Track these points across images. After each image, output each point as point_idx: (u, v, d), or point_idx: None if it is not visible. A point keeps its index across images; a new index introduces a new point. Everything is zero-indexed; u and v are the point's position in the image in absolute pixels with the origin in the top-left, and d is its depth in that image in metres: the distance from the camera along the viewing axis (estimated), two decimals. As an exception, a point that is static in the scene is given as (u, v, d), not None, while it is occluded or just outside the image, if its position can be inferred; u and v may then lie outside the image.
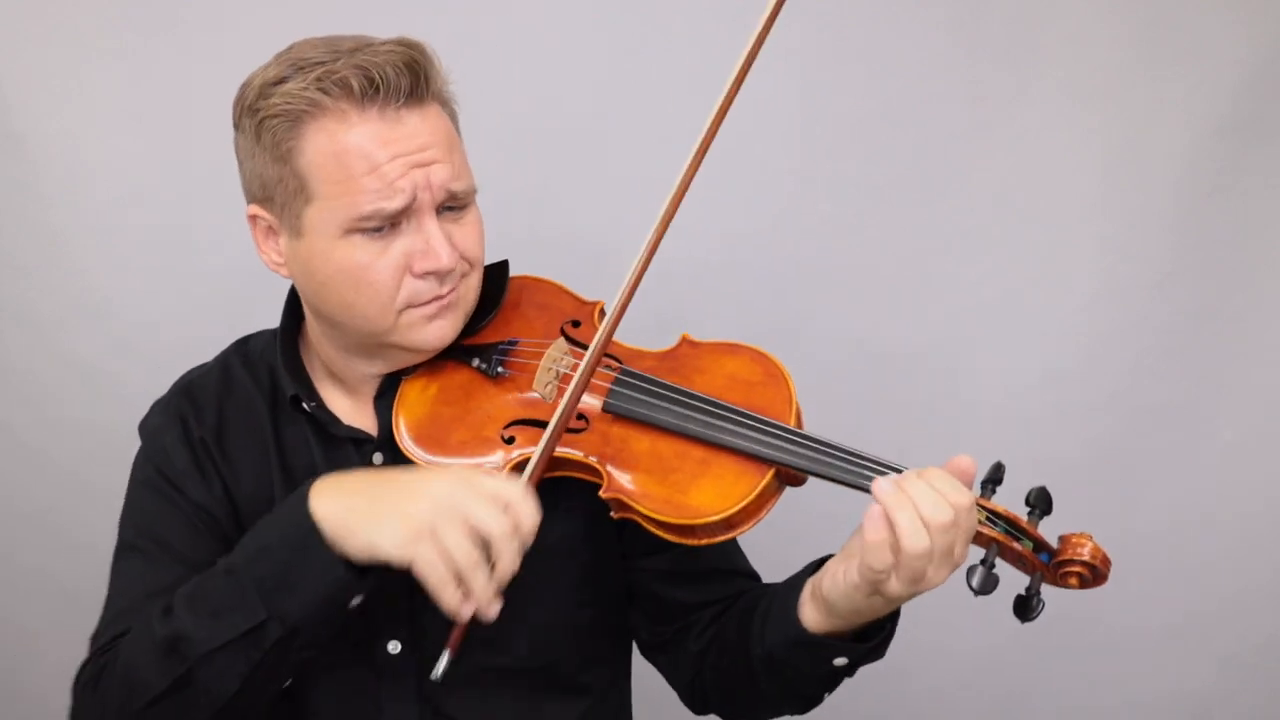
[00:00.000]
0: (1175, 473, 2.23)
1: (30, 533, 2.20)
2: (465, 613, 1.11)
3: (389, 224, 1.22)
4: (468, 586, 1.10)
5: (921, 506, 1.06)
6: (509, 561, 1.11)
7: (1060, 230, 2.15)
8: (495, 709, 1.36)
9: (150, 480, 1.36)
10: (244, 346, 1.45)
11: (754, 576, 1.43)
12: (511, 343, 1.33)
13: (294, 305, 1.40)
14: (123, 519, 1.39)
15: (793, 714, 1.35)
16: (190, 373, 1.46)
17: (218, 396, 1.39)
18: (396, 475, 1.18)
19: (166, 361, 2.13)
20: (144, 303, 2.11)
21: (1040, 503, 1.17)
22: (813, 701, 1.29)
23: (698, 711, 1.45)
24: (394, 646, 1.33)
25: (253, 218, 1.29)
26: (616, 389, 1.25)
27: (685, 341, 1.33)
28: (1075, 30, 2.09)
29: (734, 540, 1.40)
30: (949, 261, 2.16)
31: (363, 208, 1.20)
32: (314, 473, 1.31)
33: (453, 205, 1.27)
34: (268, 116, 1.21)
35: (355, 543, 1.12)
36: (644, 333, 1.38)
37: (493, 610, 1.12)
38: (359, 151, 1.19)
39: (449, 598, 1.10)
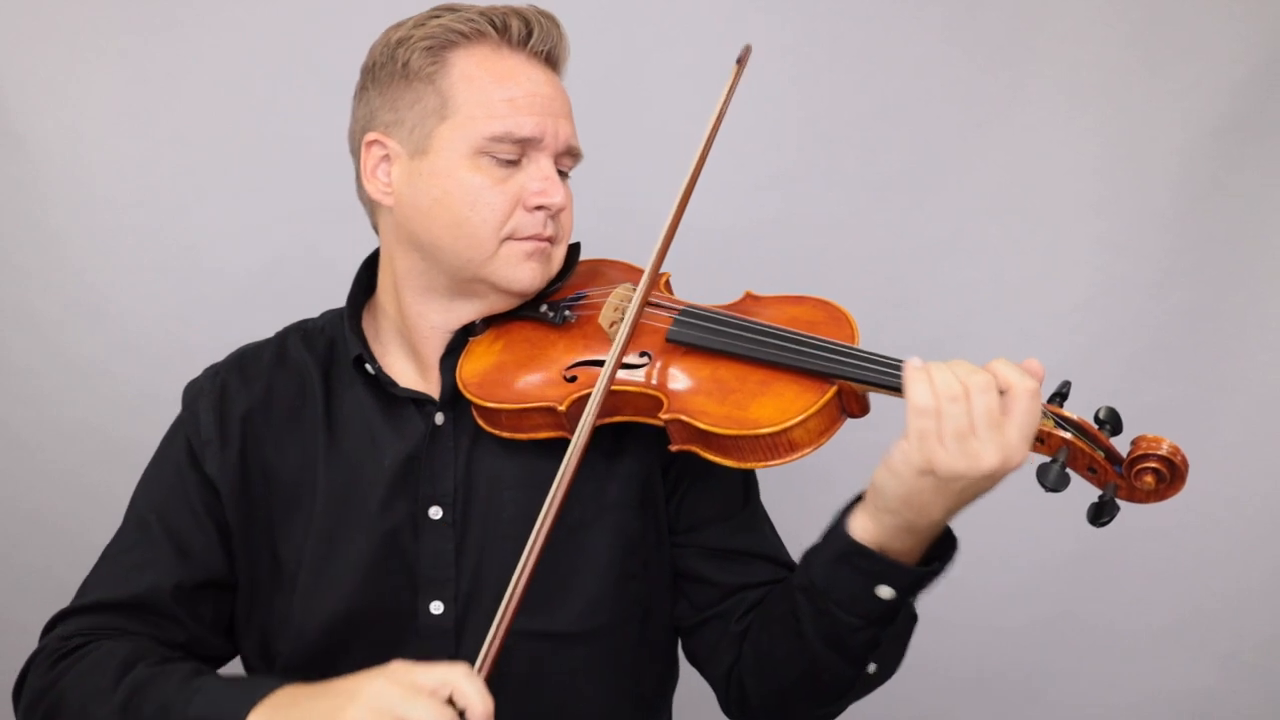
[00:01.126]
0: (1174, 472, 2.22)
1: (30, 533, 2.20)
2: None
3: (516, 154, 1.30)
4: None
5: (958, 366, 1.12)
6: None
7: (1058, 229, 2.15)
8: (539, 675, 1.35)
9: (175, 452, 1.40)
10: (304, 324, 1.48)
11: (791, 565, 1.41)
12: (580, 295, 1.39)
13: (363, 277, 1.44)
14: (145, 474, 1.43)
15: (832, 694, 1.28)
16: (247, 345, 1.48)
17: (269, 369, 1.42)
18: (334, 685, 1.13)
19: (166, 362, 2.14)
20: (144, 303, 2.11)
21: (1111, 420, 1.18)
22: (855, 664, 1.23)
23: (733, 716, 1.42)
24: (436, 607, 1.34)
25: (370, 144, 1.34)
26: (680, 318, 1.29)
27: (749, 296, 1.37)
28: (1073, 30, 2.09)
29: (775, 532, 1.44)
30: (947, 261, 2.16)
31: (495, 128, 1.28)
32: (371, 437, 1.36)
33: (563, 170, 1.35)
34: (422, 38, 1.30)
35: None
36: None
37: None
38: (503, 81, 1.30)
39: None
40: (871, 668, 1.25)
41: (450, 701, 1.07)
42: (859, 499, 1.21)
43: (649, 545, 1.38)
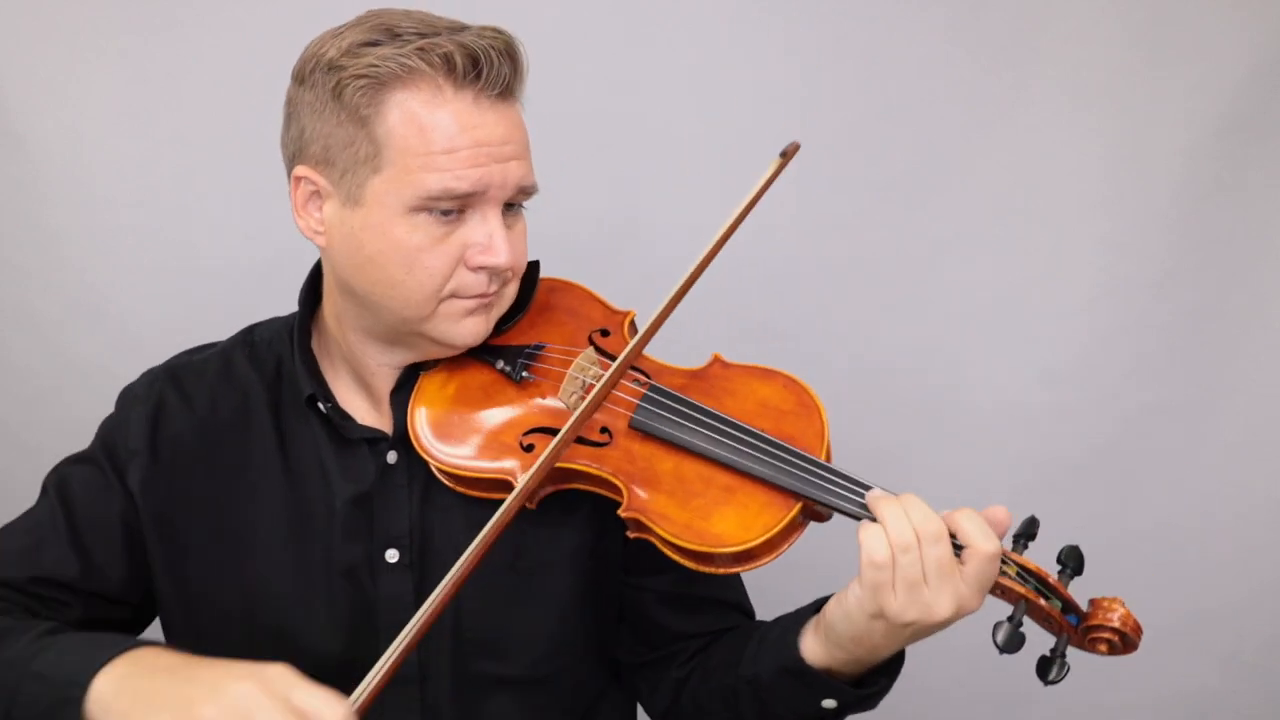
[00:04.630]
0: (1175, 473, 2.22)
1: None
2: None
3: (456, 210, 1.18)
4: None
5: (912, 512, 1.07)
6: None
7: (1061, 230, 2.15)
8: (494, 718, 1.33)
9: (99, 456, 1.34)
10: (250, 336, 1.40)
11: (750, 615, 1.41)
12: (538, 347, 1.30)
13: (309, 293, 1.36)
14: (69, 460, 1.38)
15: None
16: (190, 354, 1.41)
17: (212, 388, 1.35)
18: (205, 668, 1.04)
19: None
20: (144, 303, 2.10)
21: (1072, 561, 1.14)
22: None
23: None
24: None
25: (298, 179, 1.23)
26: (644, 405, 1.22)
27: (717, 361, 1.30)
28: (1075, 30, 2.09)
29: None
30: (949, 261, 2.16)
31: (431, 186, 1.16)
32: (323, 473, 1.30)
33: (512, 205, 1.24)
34: (356, 75, 1.16)
35: None
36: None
37: None
38: (444, 130, 1.16)
39: None
40: None
41: None
42: (815, 608, 1.20)
43: (603, 585, 1.35)
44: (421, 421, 1.26)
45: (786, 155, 1.30)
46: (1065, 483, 2.22)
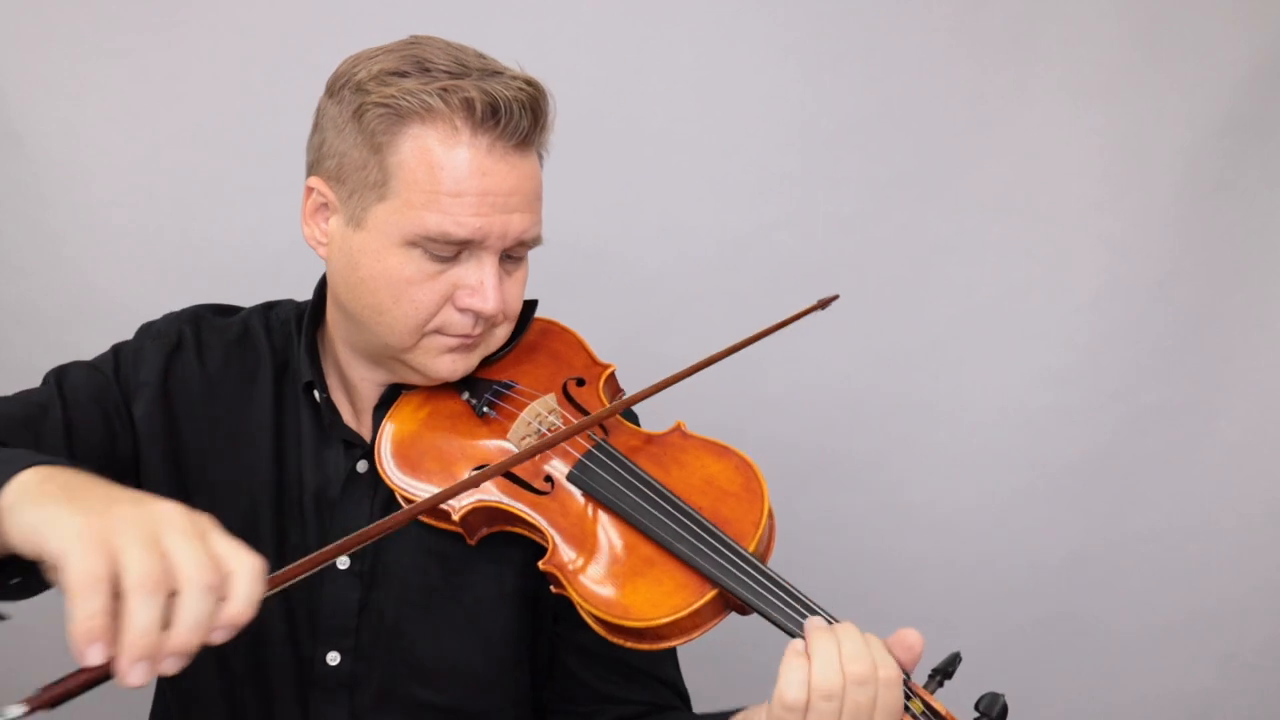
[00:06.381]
0: (1176, 473, 2.23)
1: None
2: (93, 656, 0.77)
3: (452, 252, 1.19)
4: (122, 621, 0.78)
5: (845, 648, 1.02)
6: (187, 629, 0.79)
7: (1061, 230, 2.16)
8: None
9: (108, 372, 1.30)
10: (269, 311, 1.41)
11: (679, 691, 1.38)
12: (507, 385, 1.30)
13: (321, 291, 1.37)
14: (75, 363, 1.32)
15: None
16: (214, 311, 1.41)
17: (227, 347, 1.35)
18: (135, 491, 0.91)
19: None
20: (144, 303, 2.09)
21: (992, 710, 1.09)
22: None
23: None
24: (333, 658, 1.29)
25: (310, 189, 1.24)
26: (585, 460, 1.21)
27: (678, 430, 1.27)
28: (1075, 30, 2.09)
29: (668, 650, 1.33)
30: (950, 261, 2.16)
31: (430, 226, 1.16)
32: (300, 457, 1.32)
33: (513, 255, 1.25)
34: (378, 103, 1.17)
35: (22, 519, 0.86)
36: (636, 335, 1.37)
37: (133, 675, 0.78)
38: (453, 172, 1.16)
39: (86, 617, 0.77)
40: None
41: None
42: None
43: (538, 628, 1.35)
44: (386, 441, 1.27)
45: (823, 304, 1.29)
46: (1066, 483, 2.22)
